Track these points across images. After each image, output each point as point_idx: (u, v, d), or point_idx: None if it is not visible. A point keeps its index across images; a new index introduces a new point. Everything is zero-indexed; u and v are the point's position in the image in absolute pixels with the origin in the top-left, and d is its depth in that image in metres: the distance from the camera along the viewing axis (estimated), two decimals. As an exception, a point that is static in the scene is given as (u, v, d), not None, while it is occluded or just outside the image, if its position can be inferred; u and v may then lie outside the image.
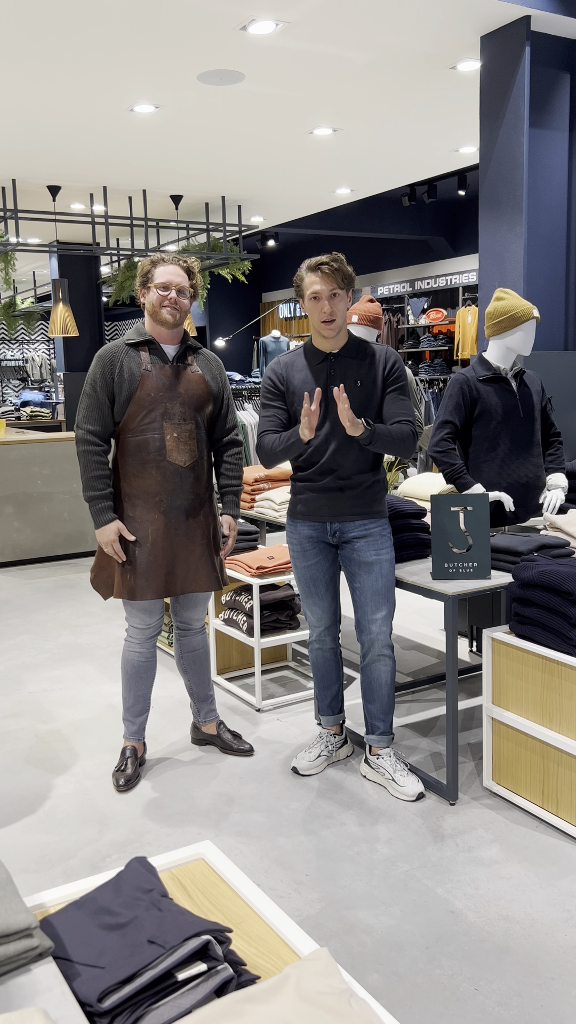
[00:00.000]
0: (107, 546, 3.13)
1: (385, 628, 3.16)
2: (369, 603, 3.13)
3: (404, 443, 3.02)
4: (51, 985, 1.27)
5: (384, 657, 3.18)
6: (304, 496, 3.16)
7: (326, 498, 3.11)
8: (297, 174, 8.36)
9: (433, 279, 12.27)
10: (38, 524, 7.07)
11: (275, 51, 5.15)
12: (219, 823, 3.00)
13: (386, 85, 5.82)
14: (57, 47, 5.04)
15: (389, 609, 3.15)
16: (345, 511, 3.10)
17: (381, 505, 3.16)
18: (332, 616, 3.32)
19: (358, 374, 3.04)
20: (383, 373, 3.05)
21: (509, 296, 3.62)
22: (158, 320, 3.13)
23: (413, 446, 3.06)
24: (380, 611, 3.13)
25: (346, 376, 3.04)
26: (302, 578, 3.25)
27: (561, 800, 2.84)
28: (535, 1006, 2.11)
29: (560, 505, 3.67)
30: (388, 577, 3.13)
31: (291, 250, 14.63)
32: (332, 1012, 1.17)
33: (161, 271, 3.12)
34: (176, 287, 3.11)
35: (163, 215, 9.82)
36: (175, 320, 3.13)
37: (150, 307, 3.14)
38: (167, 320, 3.12)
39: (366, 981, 2.21)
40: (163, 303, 3.11)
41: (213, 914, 1.52)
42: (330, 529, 3.15)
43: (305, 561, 3.22)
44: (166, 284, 3.10)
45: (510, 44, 4.73)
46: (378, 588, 3.11)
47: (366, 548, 3.10)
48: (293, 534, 3.22)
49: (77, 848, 2.88)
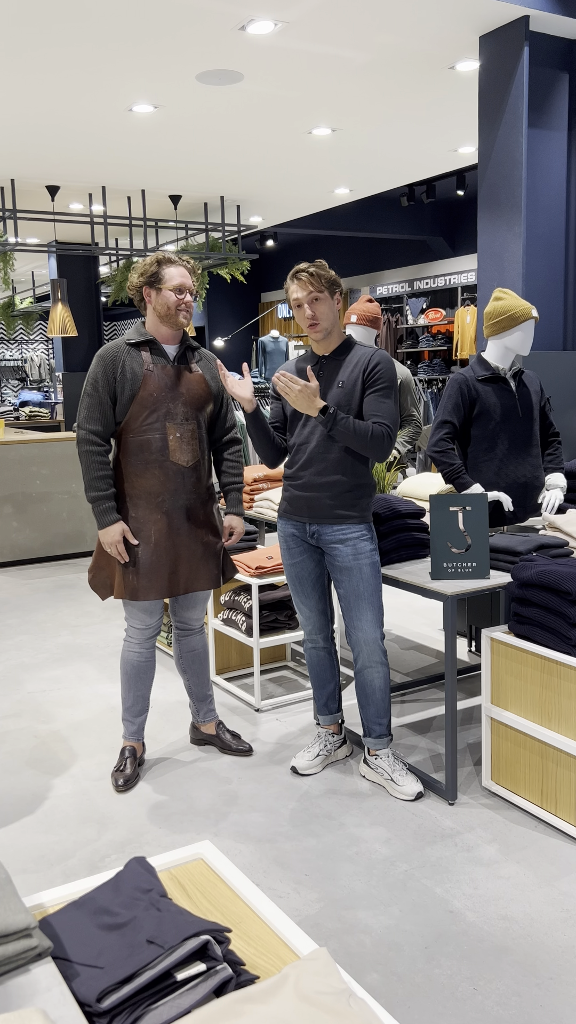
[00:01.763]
0: (111, 547, 3.12)
1: (372, 634, 3.12)
2: (352, 608, 3.12)
3: (369, 440, 2.93)
4: (50, 985, 1.27)
5: (375, 664, 3.16)
6: (287, 494, 3.19)
7: (304, 498, 3.11)
8: (296, 174, 8.36)
9: (432, 279, 12.27)
10: (37, 524, 7.07)
11: (274, 51, 5.15)
12: (218, 823, 3.00)
13: (385, 85, 5.82)
14: (56, 47, 5.04)
15: (374, 614, 3.11)
16: (323, 513, 3.08)
17: (362, 510, 3.09)
18: (321, 616, 3.31)
19: (342, 375, 3.05)
20: (363, 375, 3.02)
21: (508, 296, 3.62)
22: (171, 323, 3.13)
23: (383, 447, 2.96)
24: (363, 616, 3.11)
25: (333, 376, 3.06)
26: (289, 576, 3.27)
27: (560, 800, 2.85)
28: (534, 1005, 2.11)
29: (559, 505, 3.67)
30: (369, 582, 3.08)
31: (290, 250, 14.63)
32: (331, 1012, 1.17)
33: (173, 272, 3.11)
34: (188, 289, 3.12)
35: (162, 215, 9.82)
36: (188, 322, 3.14)
37: (163, 309, 3.12)
38: (183, 323, 3.13)
39: (365, 981, 2.21)
40: (179, 306, 3.11)
41: (212, 914, 1.52)
42: (308, 530, 3.15)
43: (291, 559, 3.24)
44: (181, 286, 3.10)
45: (509, 44, 4.74)
46: (359, 593, 3.09)
47: (345, 553, 3.08)
48: (280, 531, 3.25)
49: (76, 848, 2.88)
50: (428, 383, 11.92)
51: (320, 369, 3.08)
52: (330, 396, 3.04)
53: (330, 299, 3.01)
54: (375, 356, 3.04)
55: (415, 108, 6.35)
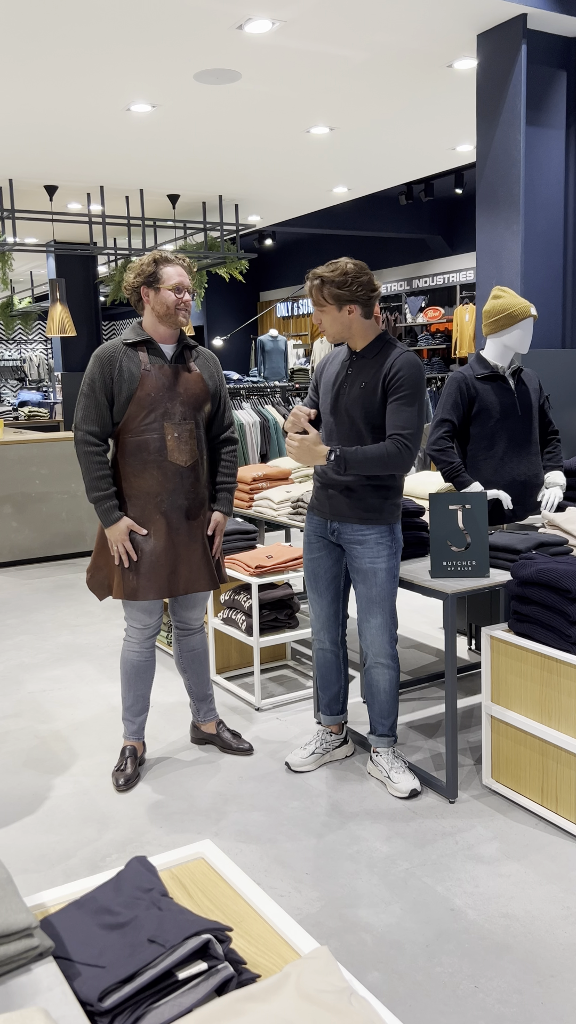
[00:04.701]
0: (118, 544, 3.12)
1: (380, 638, 3.12)
2: (364, 610, 3.13)
3: (387, 462, 2.91)
4: (52, 985, 1.27)
5: (380, 665, 3.16)
6: (315, 490, 3.21)
7: (326, 495, 3.12)
8: (294, 173, 8.36)
9: (430, 277, 12.27)
10: (36, 524, 7.07)
11: (271, 50, 5.15)
12: (219, 822, 3.00)
13: (383, 84, 5.82)
14: (53, 47, 5.03)
15: (384, 619, 3.11)
16: (343, 511, 3.09)
17: (384, 512, 3.06)
18: (332, 616, 3.30)
19: (366, 376, 3.03)
20: (384, 379, 2.98)
21: (506, 294, 3.62)
22: (170, 322, 3.13)
23: (403, 462, 2.92)
24: (373, 620, 3.11)
25: (359, 376, 3.05)
26: (306, 571, 3.28)
27: (560, 797, 2.85)
28: (535, 1003, 2.11)
29: (558, 503, 3.67)
30: (384, 587, 3.07)
31: (288, 249, 14.62)
32: (332, 1010, 1.17)
33: (171, 271, 3.11)
34: (187, 288, 3.12)
35: (160, 214, 9.81)
36: (187, 321, 3.14)
37: (162, 309, 3.11)
38: (181, 322, 3.13)
39: (366, 979, 2.21)
40: (179, 305, 3.11)
41: (213, 913, 1.52)
42: (329, 527, 3.16)
43: (309, 554, 3.25)
44: (179, 286, 3.10)
45: (506, 42, 4.73)
46: (372, 597, 3.09)
47: (362, 555, 3.08)
48: (306, 526, 3.27)
49: (77, 848, 2.88)
50: (427, 382, 11.92)
51: (350, 366, 3.08)
52: (353, 395, 3.02)
53: (336, 312, 2.98)
54: (398, 361, 2.97)
55: (413, 107, 6.35)
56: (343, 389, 3.06)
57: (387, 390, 2.97)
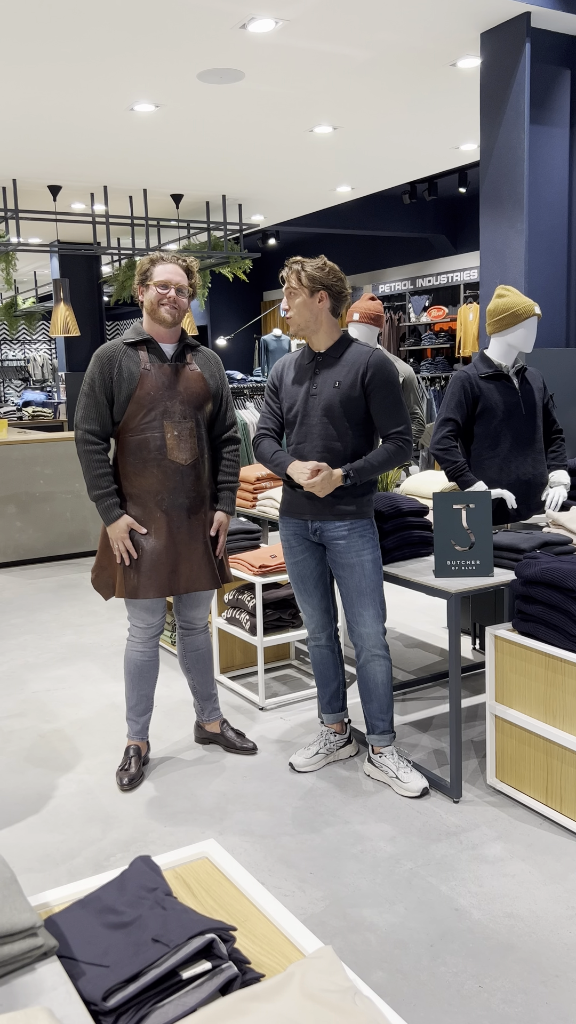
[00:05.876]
0: (119, 542, 3.12)
1: (374, 628, 3.14)
2: (355, 604, 3.14)
3: (394, 461, 3.06)
4: (56, 984, 1.27)
5: (377, 657, 3.17)
6: (287, 494, 3.20)
7: (306, 496, 3.12)
8: (298, 172, 8.36)
9: (434, 277, 12.25)
10: (40, 524, 7.08)
11: (275, 49, 5.14)
12: (223, 822, 3.00)
13: (386, 83, 5.81)
14: (57, 47, 5.04)
15: (376, 610, 3.14)
16: (324, 510, 3.09)
17: (364, 506, 3.11)
18: (324, 614, 3.32)
19: (339, 375, 3.04)
20: (360, 379, 3.01)
21: (510, 293, 3.62)
22: (156, 318, 3.13)
23: (406, 454, 3.06)
24: (366, 611, 3.13)
25: (330, 375, 3.05)
26: (292, 575, 3.28)
27: (565, 797, 2.84)
28: (540, 1003, 2.11)
29: (563, 502, 3.67)
30: (371, 577, 3.11)
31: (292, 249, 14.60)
32: (337, 1010, 1.17)
33: (160, 269, 3.12)
34: (175, 286, 3.11)
35: (164, 214, 9.81)
36: (173, 319, 3.13)
37: (149, 305, 3.14)
38: (165, 319, 3.12)
39: (370, 979, 2.21)
40: (161, 301, 3.11)
41: (217, 912, 1.52)
42: (311, 527, 3.16)
43: (292, 558, 3.25)
44: (165, 282, 3.10)
45: (510, 41, 4.73)
46: (361, 589, 3.11)
47: (346, 550, 3.10)
48: (282, 530, 3.27)
49: (81, 847, 2.88)
50: (431, 381, 11.91)
51: (316, 367, 3.09)
52: (327, 395, 3.04)
53: (308, 298, 3.01)
54: (371, 359, 3.01)
55: (416, 105, 6.34)
56: (312, 390, 3.07)
57: (367, 390, 3.02)
